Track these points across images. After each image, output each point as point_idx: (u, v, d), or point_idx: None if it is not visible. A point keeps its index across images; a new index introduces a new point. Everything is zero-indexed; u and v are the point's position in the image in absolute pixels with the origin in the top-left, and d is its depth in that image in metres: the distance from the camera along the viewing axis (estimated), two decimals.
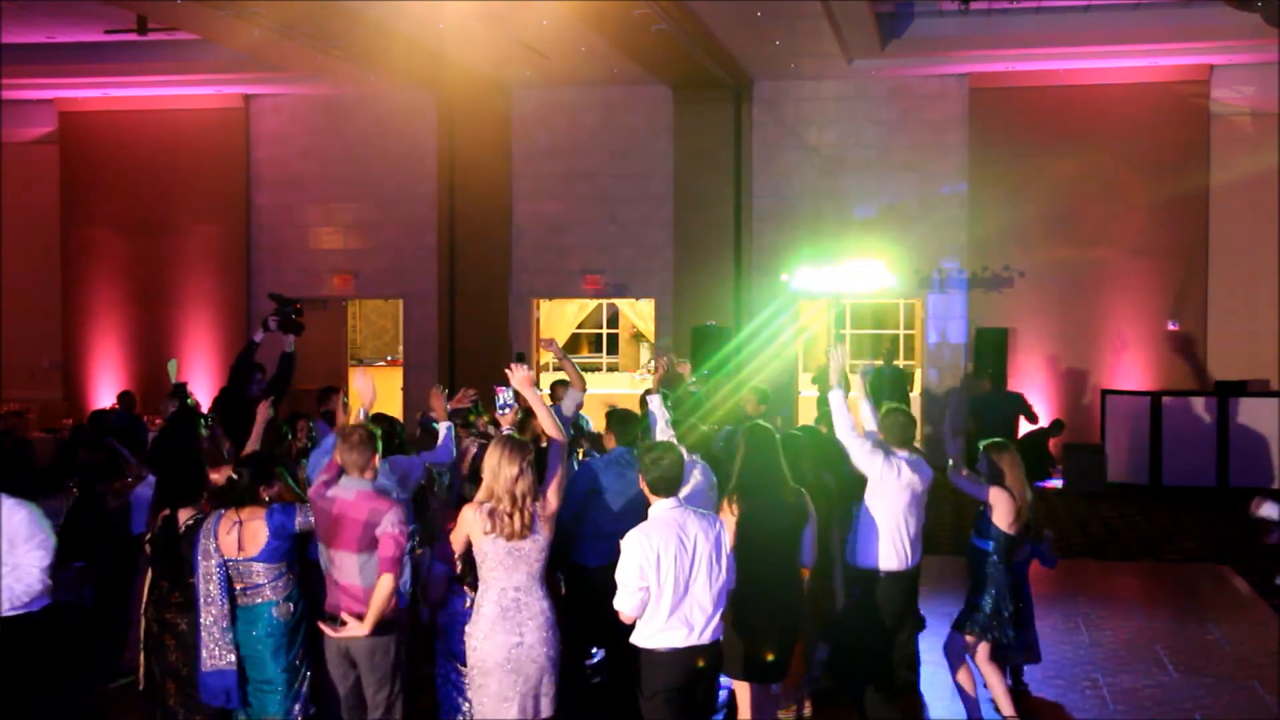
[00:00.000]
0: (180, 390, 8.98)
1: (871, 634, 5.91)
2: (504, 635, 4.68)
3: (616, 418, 6.41)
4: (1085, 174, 15.16)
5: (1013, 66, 15.15)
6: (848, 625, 6.05)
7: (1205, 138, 15.10)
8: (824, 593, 6.41)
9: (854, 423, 5.97)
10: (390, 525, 4.91)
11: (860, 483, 6.10)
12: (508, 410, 5.69)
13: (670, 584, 4.61)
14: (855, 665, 5.96)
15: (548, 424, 5.04)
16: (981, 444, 6.38)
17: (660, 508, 4.75)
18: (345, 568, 4.99)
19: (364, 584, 4.97)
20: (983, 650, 6.22)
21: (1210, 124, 15.11)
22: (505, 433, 5.32)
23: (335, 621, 5.01)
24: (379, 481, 5.14)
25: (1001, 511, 6.09)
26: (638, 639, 4.72)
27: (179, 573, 5.47)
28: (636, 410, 6.47)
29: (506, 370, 5.18)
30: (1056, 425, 14.51)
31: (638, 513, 5.11)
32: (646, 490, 4.80)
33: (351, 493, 5.01)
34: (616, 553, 4.71)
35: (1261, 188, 14.82)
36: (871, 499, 5.96)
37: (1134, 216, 15.18)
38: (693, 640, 4.66)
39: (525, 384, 5.11)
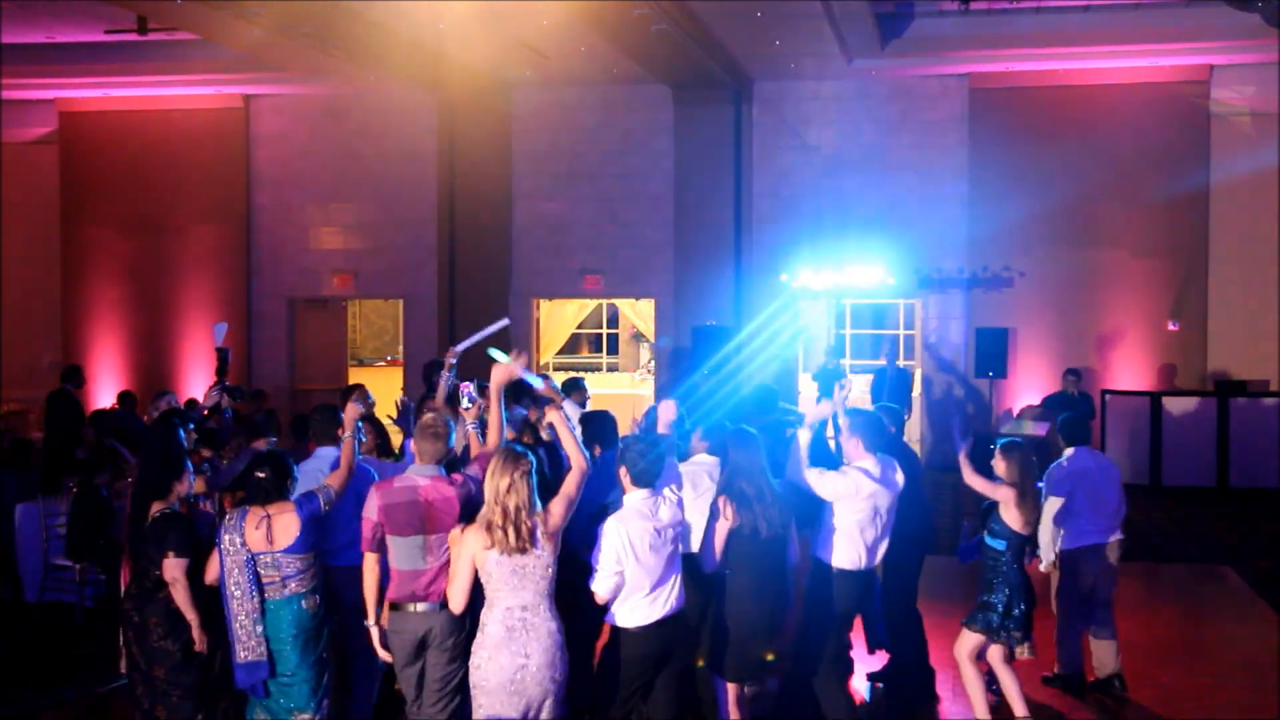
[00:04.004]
0: (223, 356, 8.88)
1: (819, 624, 5.92)
2: (509, 656, 4.58)
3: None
4: (1085, 174, 15.17)
5: (1013, 66, 15.15)
6: (805, 615, 6.04)
7: (1205, 138, 15.10)
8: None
9: (804, 462, 5.78)
10: None
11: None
12: (471, 406, 5.69)
13: (646, 568, 4.88)
14: (807, 654, 5.96)
15: (573, 452, 4.98)
16: (996, 444, 6.40)
17: (635, 497, 4.97)
18: (440, 551, 5.01)
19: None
20: (997, 653, 6.22)
21: (1210, 124, 15.11)
22: (508, 443, 5.14)
23: (407, 609, 4.97)
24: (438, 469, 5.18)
25: (1013, 511, 6.13)
26: (614, 618, 4.97)
27: (137, 564, 5.47)
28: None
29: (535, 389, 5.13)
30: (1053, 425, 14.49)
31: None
32: (628, 481, 4.98)
33: (426, 479, 5.07)
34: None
35: (1261, 188, 14.82)
36: (835, 506, 5.82)
37: (1134, 216, 15.19)
38: (657, 615, 4.94)
39: (552, 413, 5.08)
